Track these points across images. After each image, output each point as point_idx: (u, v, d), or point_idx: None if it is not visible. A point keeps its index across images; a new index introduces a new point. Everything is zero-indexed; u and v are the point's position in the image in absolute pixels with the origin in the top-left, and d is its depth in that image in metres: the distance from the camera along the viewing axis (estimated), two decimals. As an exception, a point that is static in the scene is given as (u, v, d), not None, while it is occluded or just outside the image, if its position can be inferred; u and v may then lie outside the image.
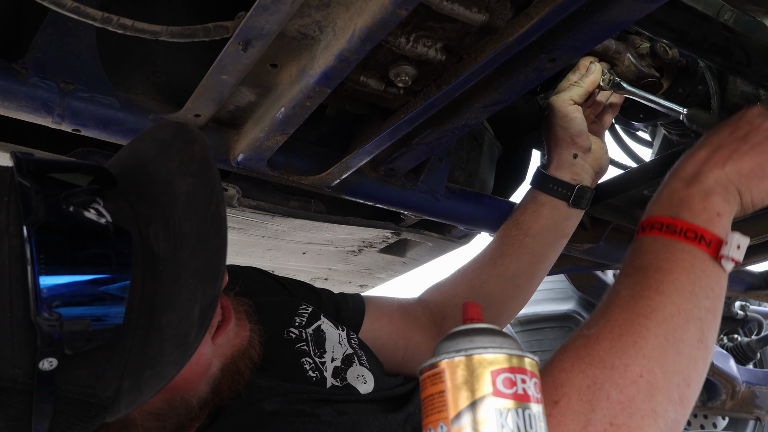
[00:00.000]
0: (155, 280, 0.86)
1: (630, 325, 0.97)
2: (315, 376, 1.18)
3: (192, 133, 0.96)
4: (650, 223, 1.09)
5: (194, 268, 0.85)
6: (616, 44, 1.48)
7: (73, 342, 0.80)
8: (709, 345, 1.00)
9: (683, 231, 1.04)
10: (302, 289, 1.50)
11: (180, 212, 0.88)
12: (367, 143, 1.30)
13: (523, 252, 1.60)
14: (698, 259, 1.03)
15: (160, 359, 0.83)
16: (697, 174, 1.11)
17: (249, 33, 0.97)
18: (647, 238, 1.08)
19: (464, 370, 0.78)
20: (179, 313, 0.84)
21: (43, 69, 1.17)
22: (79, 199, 0.84)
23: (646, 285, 1.01)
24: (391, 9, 0.87)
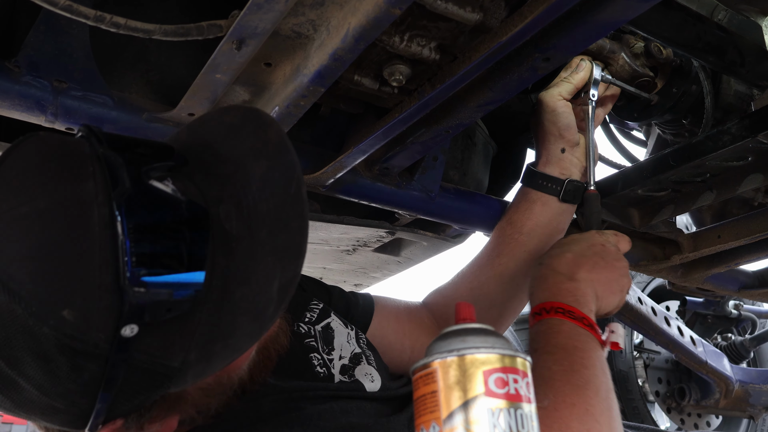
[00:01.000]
0: (228, 257, 0.87)
1: (576, 395, 1.09)
2: (323, 371, 1.19)
3: (265, 117, 0.96)
4: (552, 307, 1.23)
5: (272, 246, 0.87)
6: (611, 43, 1.48)
7: (155, 310, 0.81)
8: (619, 416, 1.16)
9: (581, 318, 1.21)
10: (314, 285, 1.50)
11: (255, 192, 0.89)
12: (362, 142, 1.30)
13: (519, 250, 1.60)
14: (595, 344, 1.20)
15: (233, 332, 0.85)
16: (572, 274, 1.29)
17: (243, 32, 0.97)
18: (554, 320, 1.22)
19: (456, 370, 0.78)
20: (255, 288, 0.85)
21: (36, 67, 1.16)
22: (157, 174, 0.86)
23: (573, 361, 1.14)
24: (385, 8, 0.87)
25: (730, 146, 1.32)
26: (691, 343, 2.90)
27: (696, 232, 1.90)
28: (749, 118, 1.31)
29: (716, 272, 2.07)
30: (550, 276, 1.30)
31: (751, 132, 1.29)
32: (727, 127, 1.33)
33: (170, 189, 0.86)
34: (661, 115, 1.60)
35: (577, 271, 1.29)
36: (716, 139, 1.33)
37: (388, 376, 1.28)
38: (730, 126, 1.32)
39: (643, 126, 1.85)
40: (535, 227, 1.59)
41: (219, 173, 0.93)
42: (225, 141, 0.97)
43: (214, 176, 0.92)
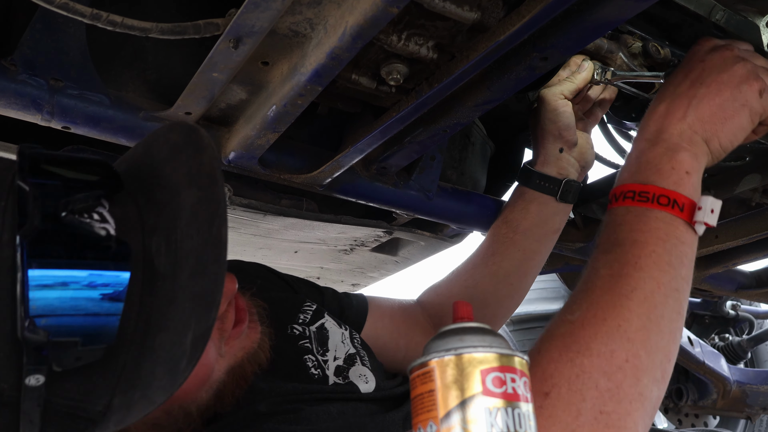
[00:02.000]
0: (153, 296, 0.83)
1: (612, 308, 0.94)
2: (317, 373, 1.18)
3: (202, 141, 0.91)
4: (622, 192, 1.04)
5: (191, 292, 0.82)
6: (609, 43, 1.48)
7: (61, 360, 0.77)
8: (684, 313, 0.99)
9: (656, 197, 1.00)
10: (306, 286, 1.50)
11: (183, 227, 0.84)
12: (359, 141, 1.29)
13: (513, 249, 1.60)
14: (672, 227, 0.99)
15: (151, 382, 0.80)
16: (660, 131, 1.07)
17: (240, 30, 0.97)
18: (620, 209, 1.04)
19: (454, 369, 0.77)
20: (172, 336, 0.81)
21: (32, 66, 1.16)
22: (80, 205, 0.80)
23: (625, 261, 0.97)
24: (382, 7, 0.87)
25: (728, 146, 1.32)
26: (689, 343, 2.91)
27: (694, 232, 1.90)
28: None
29: (714, 272, 2.07)
30: (634, 150, 1.09)
31: (748, 132, 1.29)
32: (724, 127, 1.33)
33: (95, 221, 0.80)
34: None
35: (666, 126, 1.06)
36: (714, 139, 1.33)
37: (383, 376, 1.28)
38: (728, 126, 1.32)
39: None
40: (531, 227, 1.59)
41: (157, 199, 0.88)
42: (167, 163, 0.92)
43: (153, 202, 0.88)
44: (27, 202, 0.77)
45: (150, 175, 0.92)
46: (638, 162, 1.06)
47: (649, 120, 1.10)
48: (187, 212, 0.85)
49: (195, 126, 0.94)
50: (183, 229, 0.84)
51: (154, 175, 0.91)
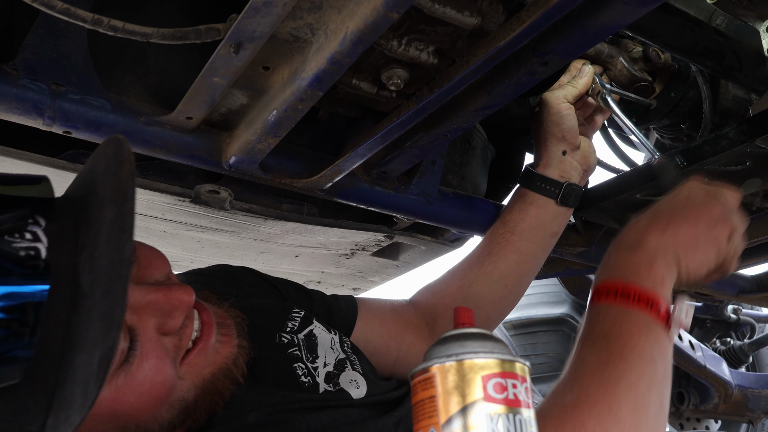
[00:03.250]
0: (77, 314, 0.82)
1: (602, 391, 0.98)
2: (307, 381, 1.18)
3: (123, 154, 0.90)
4: (606, 289, 1.09)
5: (101, 310, 0.81)
6: (609, 48, 1.49)
7: None
8: (667, 411, 1.04)
9: (636, 297, 1.06)
10: (293, 290, 1.49)
11: (101, 244, 0.84)
12: (360, 146, 1.30)
13: (510, 250, 1.60)
14: (651, 327, 1.05)
15: (71, 404, 0.80)
16: (639, 241, 1.13)
17: (241, 35, 0.97)
18: (603, 307, 1.09)
19: (455, 374, 0.77)
20: (87, 356, 0.80)
21: (33, 71, 1.16)
22: (8, 225, 0.80)
23: (610, 351, 1.02)
24: (382, 12, 0.87)
25: (729, 151, 1.32)
26: (690, 347, 2.90)
27: (694, 236, 1.90)
28: (747, 122, 1.31)
29: (710, 279, 2.07)
30: (614, 251, 1.15)
31: (749, 136, 1.29)
32: (725, 132, 1.33)
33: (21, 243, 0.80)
34: (659, 119, 1.61)
35: (646, 237, 1.12)
36: (714, 143, 1.33)
37: (375, 380, 1.28)
38: (729, 131, 1.32)
39: (642, 130, 1.85)
40: (529, 229, 1.59)
41: (89, 215, 0.88)
42: (101, 177, 0.93)
43: (87, 218, 0.88)
44: None
45: (88, 189, 0.92)
46: (617, 265, 1.12)
47: (629, 230, 1.17)
48: (106, 229, 0.85)
49: (120, 139, 0.93)
50: (101, 246, 0.84)
51: (91, 191, 0.92)
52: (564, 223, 1.63)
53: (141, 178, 1.46)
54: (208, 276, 1.40)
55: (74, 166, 1.39)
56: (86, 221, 0.88)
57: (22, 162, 1.35)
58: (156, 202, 1.56)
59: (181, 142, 1.30)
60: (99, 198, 0.89)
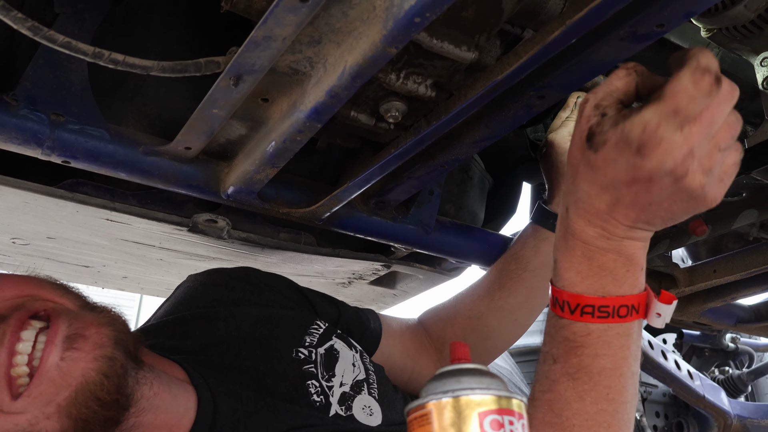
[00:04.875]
0: None
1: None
2: (319, 401, 1.17)
3: None
4: (579, 305, 0.93)
5: None
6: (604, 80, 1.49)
7: None
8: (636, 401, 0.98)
9: (615, 311, 0.92)
10: (321, 300, 1.49)
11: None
12: (358, 177, 1.30)
13: (521, 287, 1.59)
14: (629, 335, 0.94)
15: None
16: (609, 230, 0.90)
17: (240, 68, 0.98)
18: (578, 326, 0.94)
19: (451, 411, 0.77)
20: None
21: (33, 101, 1.17)
22: None
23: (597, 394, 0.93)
24: (381, 47, 0.88)
25: (725, 183, 1.33)
26: (689, 376, 2.89)
27: (692, 266, 1.90)
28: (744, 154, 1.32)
29: (713, 306, 2.07)
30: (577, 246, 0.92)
31: (745, 169, 1.30)
32: (721, 164, 1.33)
33: None
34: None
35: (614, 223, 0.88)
36: (711, 175, 1.33)
37: (392, 404, 1.26)
38: (725, 163, 1.33)
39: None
40: (541, 266, 1.58)
41: None
42: None
43: None
44: None
45: None
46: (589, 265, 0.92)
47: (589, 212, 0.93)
48: None
49: None
50: None
51: None
52: None
53: (139, 207, 1.46)
54: (231, 278, 1.41)
55: (72, 195, 1.39)
56: None
57: (21, 191, 1.35)
58: (153, 230, 1.57)
59: (180, 171, 1.30)
60: None
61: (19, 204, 1.41)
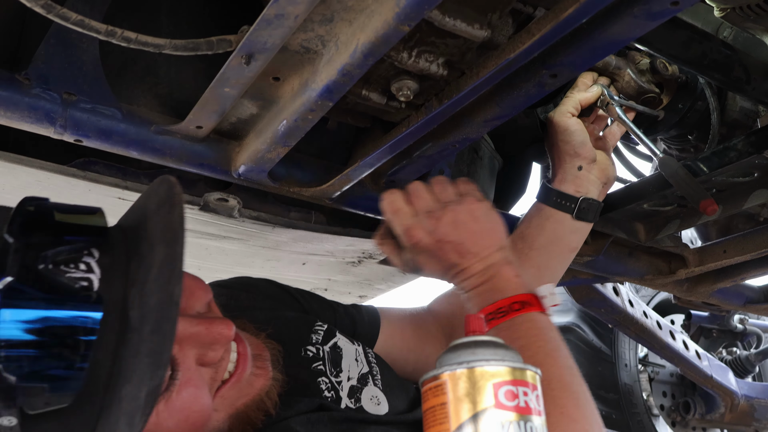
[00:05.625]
0: (124, 346, 0.85)
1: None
2: (331, 396, 1.19)
3: (175, 198, 0.94)
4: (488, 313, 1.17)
5: (149, 347, 0.84)
6: (617, 60, 1.49)
7: (31, 404, 0.80)
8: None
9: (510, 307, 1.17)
10: (316, 303, 1.50)
11: (151, 282, 0.87)
12: (369, 156, 1.30)
13: (528, 266, 1.59)
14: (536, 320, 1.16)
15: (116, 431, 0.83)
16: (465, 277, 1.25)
17: (252, 47, 0.98)
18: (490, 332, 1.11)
19: (466, 382, 0.78)
20: (133, 389, 0.83)
21: (45, 80, 1.17)
22: (64, 256, 0.83)
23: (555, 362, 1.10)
24: (393, 25, 0.88)
25: (737, 162, 1.33)
26: (696, 357, 2.90)
27: (702, 246, 1.90)
28: (755, 134, 1.32)
29: (722, 287, 2.07)
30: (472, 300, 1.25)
31: (757, 148, 1.30)
32: (733, 144, 1.33)
33: (76, 273, 0.83)
34: (666, 130, 1.61)
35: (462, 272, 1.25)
36: (722, 155, 1.34)
37: (397, 393, 1.28)
38: (736, 142, 1.33)
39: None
40: (547, 243, 1.58)
41: (140, 252, 0.91)
42: (152, 216, 0.96)
43: (138, 254, 0.91)
44: (6, 254, 0.81)
45: (141, 226, 0.95)
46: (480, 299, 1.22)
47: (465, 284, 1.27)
48: (156, 268, 0.88)
49: (173, 181, 0.97)
50: (151, 284, 0.87)
51: (143, 227, 0.95)
52: (582, 237, 1.62)
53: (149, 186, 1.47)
54: (232, 289, 1.42)
55: (84, 174, 1.39)
56: (137, 257, 0.90)
57: (33, 169, 1.35)
58: (165, 209, 1.57)
59: (191, 150, 1.30)
60: (150, 236, 0.92)
61: (32, 183, 1.41)
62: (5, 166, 1.34)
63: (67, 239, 0.85)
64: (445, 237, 1.23)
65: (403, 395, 1.30)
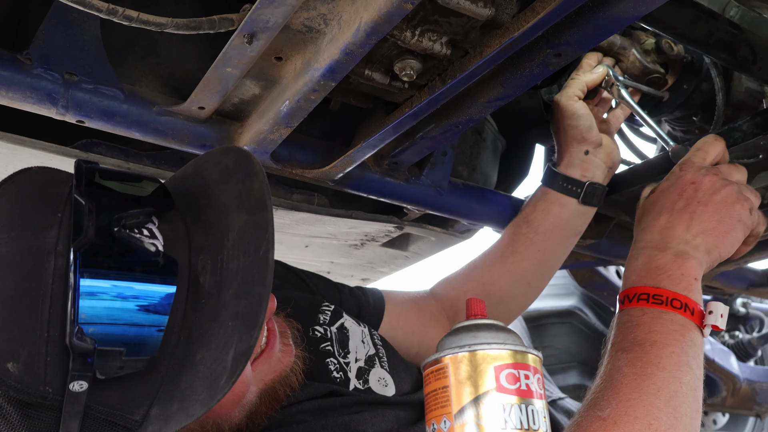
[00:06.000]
0: (196, 313, 0.86)
1: (642, 406, 0.98)
2: (339, 377, 1.19)
3: (254, 167, 0.95)
4: (636, 293, 1.11)
5: (235, 311, 0.84)
6: (621, 39, 1.48)
7: (105, 368, 0.80)
8: (700, 413, 1.04)
9: (669, 301, 1.07)
10: (322, 283, 1.50)
11: (230, 248, 0.88)
12: (371, 137, 1.30)
13: (533, 250, 1.59)
14: (686, 329, 1.06)
15: (190, 396, 0.83)
16: (666, 240, 1.16)
17: (254, 26, 0.97)
18: (635, 310, 1.10)
19: (468, 365, 0.78)
20: (214, 353, 0.83)
21: (47, 60, 1.17)
22: (132, 220, 0.84)
23: (647, 361, 1.02)
24: (397, 3, 0.87)
25: (742, 143, 1.32)
26: (698, 340, 2.90)
27: (705, 229, 1.89)
28: (761, 115, 1.31)
29: (725, 270, 2.07)
30: (640, 254, 1.18)
31: (762, 129, 1.29)
32: (738, 125, 1.32)
33: (145, 237, 0.84)
34: (671, 111, 1.60)
35: (673, 235, 1.16)
36: (727, 136, 1.33)
37: (402, 375, 1.28)
38: (742, 123, 1.32)
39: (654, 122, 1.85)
40: (552, 228, 1.58)
41: (206, 219, 0.92)
42: (217, 185, 0.97)
43: (201, 222, 0.91)
44: (83, 215, 0.81)
45: (200, 195, 0.95)
46: (647, 267, 1.14)
47: (651, 230, 1.20)
48: (235, 234, 0.88)
49: (247, 151, 0.98)
50: (230, 250, 0.87)
51: (204, 196, 0.95)
52: (587, 221, 1.62)
53: (153, 167, 1.46)
54: None
55: (87, 155, 1.39)
56: (201, 224, 0.91)
57: (36, 151, 1.35)
58: (167, 191, 1.57)
59: (194, 131, 1.30)
60: (218, 204, 0.93)
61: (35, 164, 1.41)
62: (8, 147, 1.34)
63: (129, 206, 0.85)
64: (703, 203, 1.18)
65: (407, 377, 1.30)
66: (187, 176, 1.03)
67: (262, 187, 0.92)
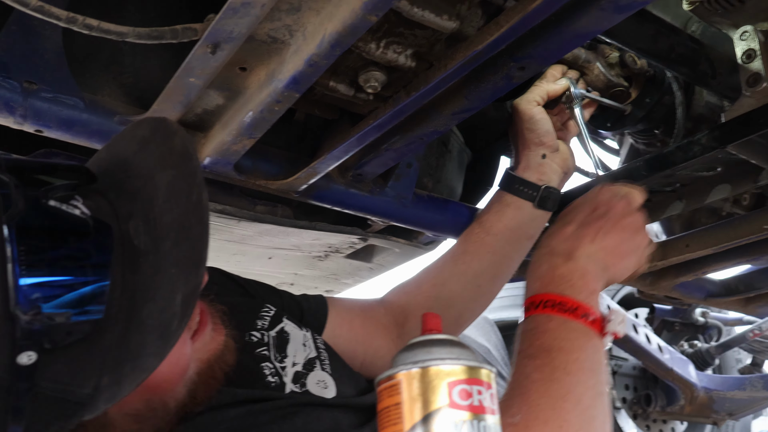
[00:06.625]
0: (135, 273, 0.85)
1: (551, 410, 1.02)
2: (274, 381, 1.17)
3: (171, 127, 0.96)
4: (542, 300, 1.15)
5: (176, 258, 0.85)
6: (586, 53, 1.50)
7: (53, 335, 0.79)
8: (610, 419, 1.08)
9: (572, 309, 1.12)
10: (262, 289, 1.48)
11: (161, 204, 0.88)
12: (336, 148, 1.29)
13: (484, 251, 1.60)
14: (589, 337, 1.12)
15: (142, 352, 0.82)
16: (570, 251, 1.20)
17: (218, 36, 0.96)
18: (541, 317, 1.14)
19: (420, 381, 0.77)
20: (160, 304, 0.83)
21: (6, 68, 1.14)
22: (58, 194, 0.84)
23: (554, 366, 1.06)
24: (361, 15, 0.87)
25: (700, 157, 1.34)
26: (658, 350, 2.93)
27: (665, 240, 1.92)
28: (719, 129, 1.33)
29: (684, 280, 2.09)
30: (545, 260, 1.22)
31: (720, 143, 1.31)
32: (697, 138, 1.35)
33: (73, 209, 0.84)
34: (634, 124, 1.62)
35: (577, 246, 1.21)
36: (687, 149, 1.35)
37: (345, 380, 1.27)
38: (701, 137, 1.34)
39: (616, 135, 1.87)
40: (505, 230, 1.59)
41: (130, 189, 0.92)
42: (136, 155, 0.97)
43: (125, 192, 0.92)
44: (9, 189, 0.80)
45: (118, 170, 0.96)
46: (551, 275, 1.18)
47: (556, 237, 1.24)
48: (163, 191, 0.89)
49: (161, 117, 0.99)
50: (161, 206, 0.88)
51: (123, 170, 0.95)
52: (541, 226, 1.64)
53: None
54: None
55: (45, 165, 1.36)
56: (125, 195, 0.91)
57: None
58: (128, 202, 1.54)
59: (156, 142, 1.28)
60: (140, 172, 0.93)
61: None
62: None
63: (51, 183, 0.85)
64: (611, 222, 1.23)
65: (352, 383, 1.28)
66: (102, 158, 1.03)
67: (184, 141, 0.92)
